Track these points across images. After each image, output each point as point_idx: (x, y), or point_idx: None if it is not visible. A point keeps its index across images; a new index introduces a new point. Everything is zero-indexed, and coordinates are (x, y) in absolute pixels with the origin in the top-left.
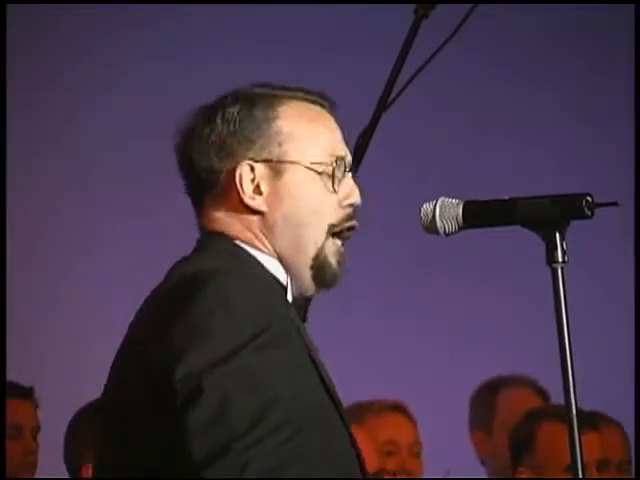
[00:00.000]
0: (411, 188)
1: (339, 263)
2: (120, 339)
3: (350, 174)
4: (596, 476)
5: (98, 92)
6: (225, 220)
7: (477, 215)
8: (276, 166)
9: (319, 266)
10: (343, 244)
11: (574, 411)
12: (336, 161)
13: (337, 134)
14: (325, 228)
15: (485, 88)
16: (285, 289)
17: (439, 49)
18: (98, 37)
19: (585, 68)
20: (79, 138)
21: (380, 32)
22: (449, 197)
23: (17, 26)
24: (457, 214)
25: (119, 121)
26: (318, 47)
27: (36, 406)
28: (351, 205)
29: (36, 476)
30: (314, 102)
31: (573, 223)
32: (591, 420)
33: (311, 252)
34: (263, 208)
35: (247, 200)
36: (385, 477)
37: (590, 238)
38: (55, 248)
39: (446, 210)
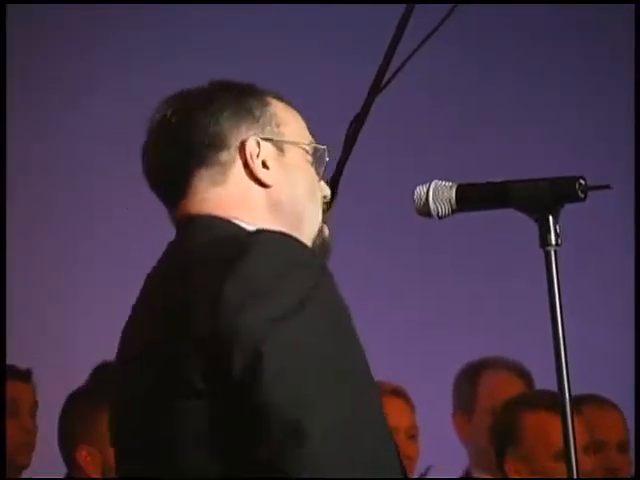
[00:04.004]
0: (403, 173)
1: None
2: (119, 326)
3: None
4: (587, 460)
5: (98, 92)
6: (222, 198)
7: (470, 198)
8: (278, 144)
9: (321, 242)
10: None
11: (567, 398)
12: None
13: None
14: (320, 207)
15: (484, 87)
16: None
17: (432, 33)
18: (98, 37)
19: (585, 68)
20: (79, 138)
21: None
22: (442, 180)
23: (17, 26)
24: (450, 197)
25: (119, 121)
26: (318, 47)
27: (34, 390)
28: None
29: (32, 458)
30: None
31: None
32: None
33: (313, 229)
34: (271, 182)
35: (258, 173)
36: None
37: (592, 233)
38: (54, 248)
39: (439, 193)
